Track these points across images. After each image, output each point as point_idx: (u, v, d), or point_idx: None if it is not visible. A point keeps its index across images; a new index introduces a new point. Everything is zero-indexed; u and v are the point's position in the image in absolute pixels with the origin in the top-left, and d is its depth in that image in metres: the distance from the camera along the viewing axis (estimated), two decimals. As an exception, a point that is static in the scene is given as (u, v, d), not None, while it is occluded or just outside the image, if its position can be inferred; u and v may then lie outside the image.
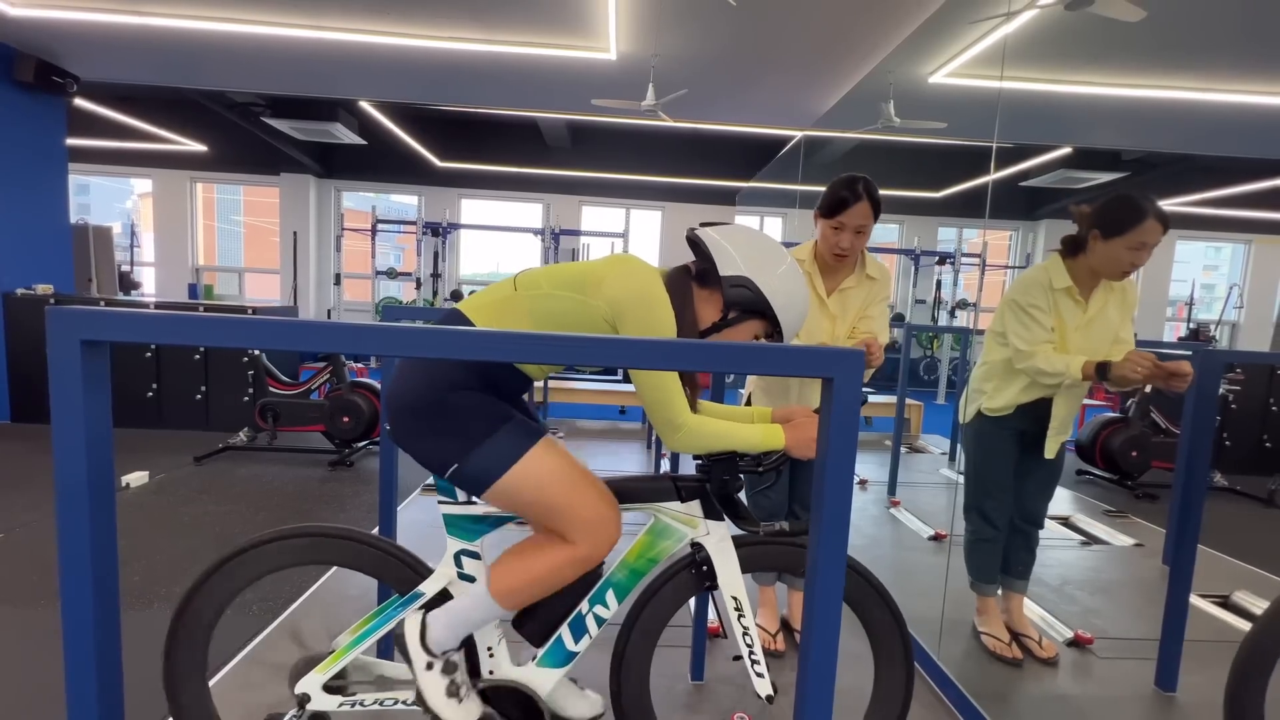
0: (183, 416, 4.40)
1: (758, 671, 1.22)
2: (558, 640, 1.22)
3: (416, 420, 1.14)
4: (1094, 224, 1.68)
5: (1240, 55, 3.53)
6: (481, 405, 1.14)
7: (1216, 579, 2.54)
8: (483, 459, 1.11)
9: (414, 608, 1.20)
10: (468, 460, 1.12)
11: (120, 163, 8.10)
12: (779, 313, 1.18)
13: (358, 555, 1.20)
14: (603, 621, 1.23)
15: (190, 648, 1.16)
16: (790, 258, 1.22)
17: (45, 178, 4.64)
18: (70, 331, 0.62)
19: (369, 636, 1.19)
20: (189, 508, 2.97)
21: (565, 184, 8.47)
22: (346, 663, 1.19)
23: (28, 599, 2.08)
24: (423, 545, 1.36)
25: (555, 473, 1.13)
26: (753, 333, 1.22)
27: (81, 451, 0.64)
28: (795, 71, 4.08)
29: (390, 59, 4.17)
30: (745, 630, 1.22)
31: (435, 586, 1.21)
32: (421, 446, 1.15)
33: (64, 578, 0.66)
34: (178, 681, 1.16)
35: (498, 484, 1.12)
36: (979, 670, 1.84)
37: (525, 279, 1.19)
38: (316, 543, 1.19)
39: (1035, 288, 1.74)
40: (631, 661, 1.24)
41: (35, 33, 4.00)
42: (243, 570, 1.17)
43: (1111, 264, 1.67)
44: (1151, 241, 1.62)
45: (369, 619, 1.21)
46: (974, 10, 2.89)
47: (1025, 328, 1.74)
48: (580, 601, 1.22)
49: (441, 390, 1.14)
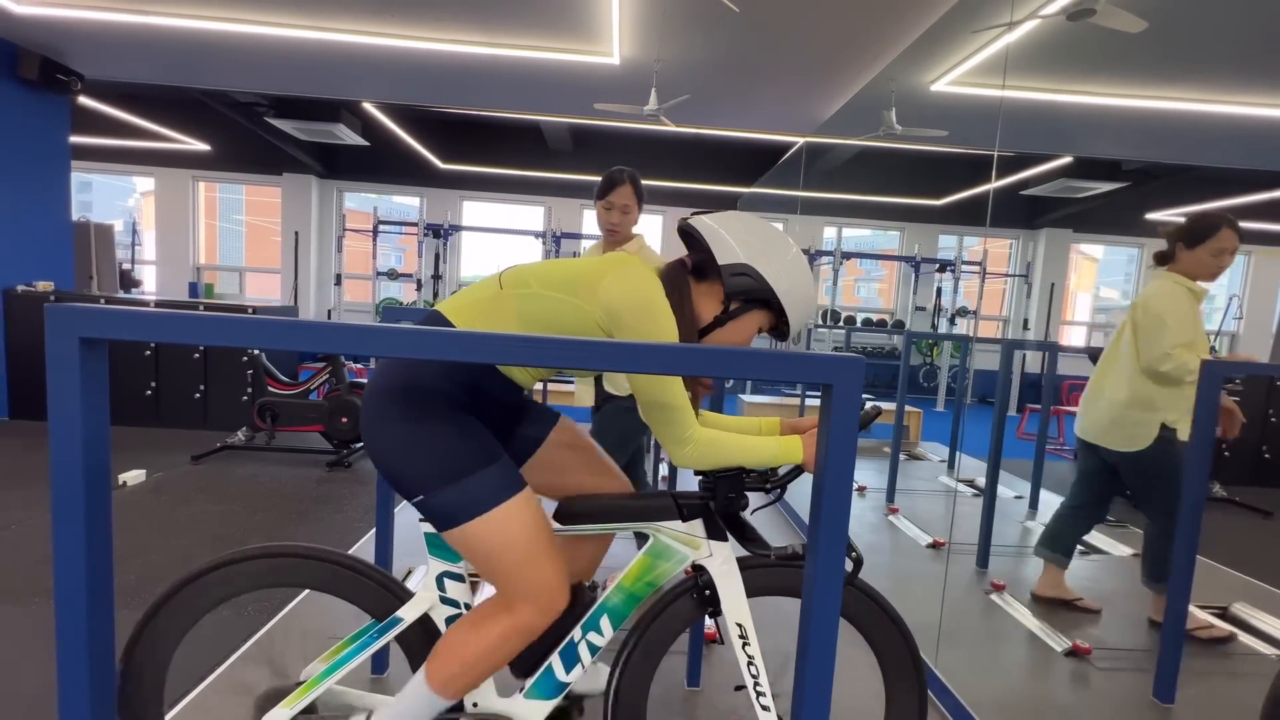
0: (181, 415, 4.39)
1: (763, 704, 1.13)
2: (547, 670, 1.13)
3: (393, 434, 1.04)
4: (1179, 237, 2.04)
5: (1241, 66, 3.54)
6: (467, 433, 1.05)
7: (1215, 590, 2.54)
8: (455, 498, 1.02)
9: (391, 634, 1.11)
10: (438, 495, 1.02)
11: (123, 161, 8.11)
12: (784, 300, 1.08)
13: (330, 578, 1.11)
14: (597, 650, 1.14)
15: (146, 681, 1.05)
16: (794, 244, 1.13)
17: (48, 175, 4.64)
18: (69, 328, 0.62)
19: (340, 667, 1.09)
20: (186, 507, 2.96)
21: (567, 187, 8.48)
22: (317, 695, 1.09)
23: (22, 596, 2.07)
24: (419, 548, 1.34)
25: (522, 534, 1.04)
26: (757, 325, 1.12)
27: (78, 448, 0.64)
28: (797, 78, 4.09)
29: (394, 60, 4.18)
30: (750, 660, 1.13)
31: (415, 612, 1.12)
32: (393, 464, 1.04)
33: (58, 575, 0.66)
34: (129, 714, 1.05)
35: (462, 528, 1.03)
36: (977, 679, 1.83)
37: (512, 276, 1.09)
38: (284, 564, 1.09)
39: (1180, 297, 2.01)
40: (627, 693, 1.15)
41: (40, 30, 4.01)
42: (204, 594, 1.07)
43: (1201, 267, 2.02)
44: (1230, 247, 2.00)
45: (342, 646, 1.11)
46: (976, 19, 2.90)
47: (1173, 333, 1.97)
48: (572, 628, 1.13)
49: (423, 401, 1.04)
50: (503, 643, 1.06)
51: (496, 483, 1.04)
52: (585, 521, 1.18)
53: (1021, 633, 2.15)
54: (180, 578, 1.07)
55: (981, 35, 3.04)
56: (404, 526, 2.15)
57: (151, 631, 1.05)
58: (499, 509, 1.03)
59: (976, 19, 2.89)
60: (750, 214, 1.16)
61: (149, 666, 1.06)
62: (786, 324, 1.12)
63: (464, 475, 1.02)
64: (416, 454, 1.03)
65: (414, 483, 1.03)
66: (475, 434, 1.06)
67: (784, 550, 1.14)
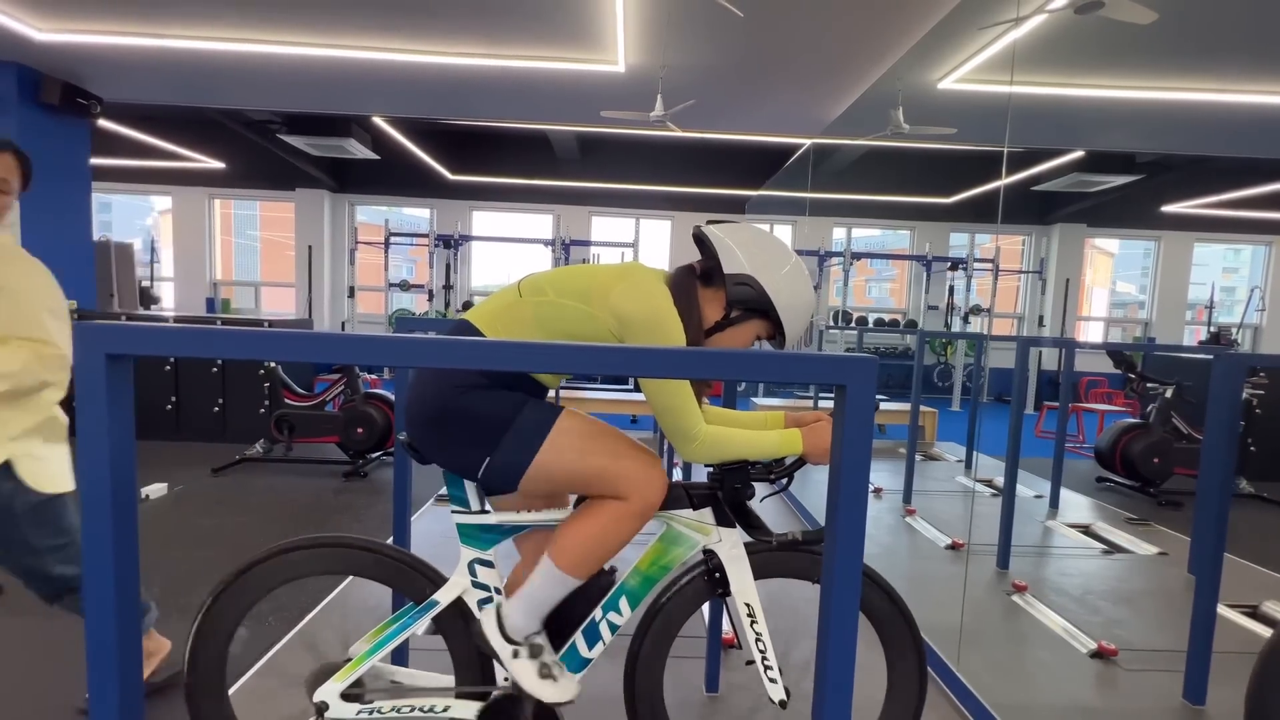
0: (200, 428, 4.46)
1: (770, 678, 1.23)
2: (572, 647, 1.22)
3: (438, 430, 1.15)
4: None
5: (1256, 56, 3.49)
6: (493, 400, 1.14)
7: (1244, 588, 2.48)
8: (510, 448, 1.11)
9: (429, 616, 1.21)
10: (496, 453, 1.12)
11: (141, 181, 8.29)
12: (781, 312, 1.17)
13: (373, 564, 1.21)
14: (616, 628, 1.23)
15: (211, 657, 1.17)
16: (797, 259, 1.21)
17: (70, 197, 4.75)
18: (95, 345, 0.64)
19: (386, 644, 1.20)
20: (207, 519, 3.00)
21: (575, 195, 8.53)
22: (364, 671, 1.20)
23: (47, 609, 2.11)
24: (436, 555, 1.37)
25: (587, 439, 1.13)
26: (754, 333, 1.21)
27: (105, 463, 0.65)
28: (803, 80, 4.09)
29: (403, 75, 4.24)
30: (758, 636, 1.23)
31: (450, 595, 1.21)
32: (448, 455, 1.15)
33: (88, 589, 0.67)
34: (199, 691, 1.17)
35: (533, 467, 1.12)
36: (999, 682, 1.80)
37: (529, 284, 1.19)
38: (334, 552, 1.21)
39: None
40: (645, 668, 1.25)
41: (61, 57, 4.12)
42: (261, 579, 1.18)
43: None
44: None
45: (384, 626, 1.21)
46: (982, 16, 2.89)
47: None
48: (594, 609, 1.22)
49: (454, 395, 1.14)
50: (616, 525, 1.13)
51: (535, 418, 1.13)
52: None
53: (1045, 634, 2.12)
54: (241, 564, 1.17)
55: (988, 32, 3.02)
56: (420, 535, 2.16)
57: (216, 613, 1.16)
58: (552, 434, 1.12)
59: (982, 16, 2.87)
60: (760, 228, 1.25)
61: (213, 646, 1.17)
62: (783, 335, 1.20)
63: (506, 428, 1.12)
64: (462, 433, 1.14)
65: (472, 456, 1.13)
66: (498, 396, 1.15)
67: (784, 537, 1.23)
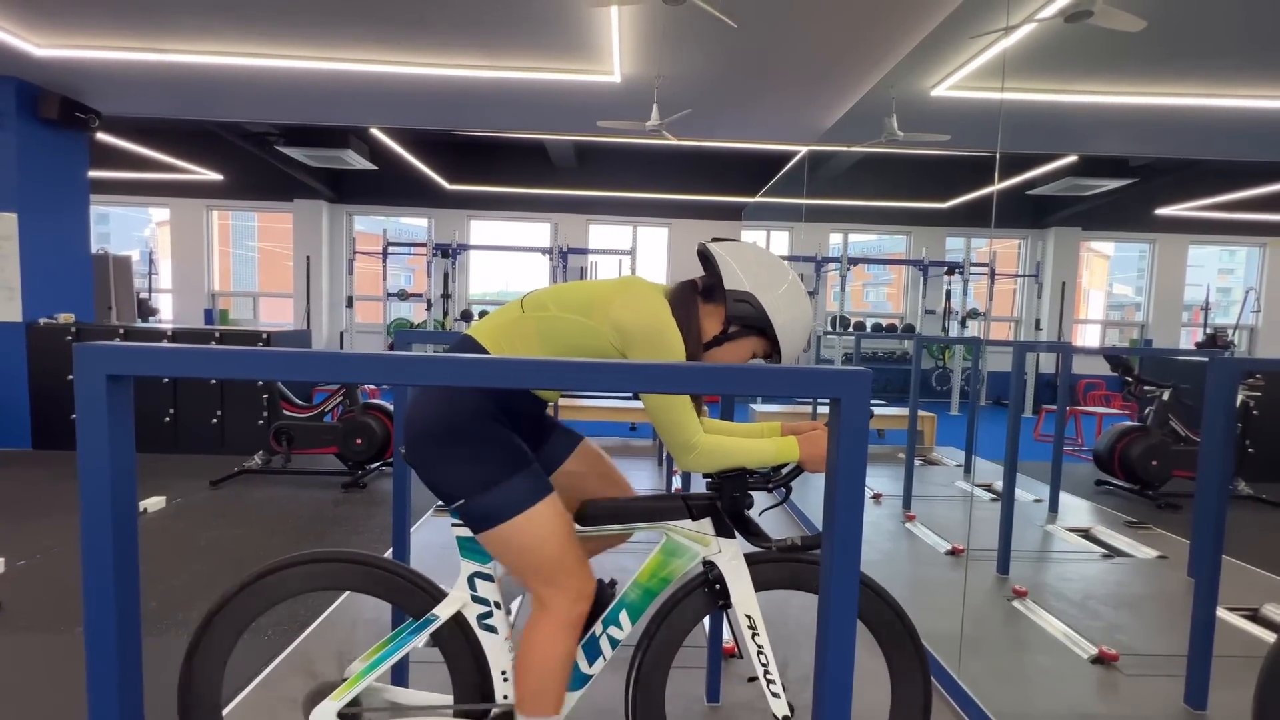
0: (199, 441, 4.45)
1: (773, 692, 1.21)
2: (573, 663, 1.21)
3: (437, 447, 1.15)
4: None
5: (1247, 59, 3.52)
6: (502, 444, 1.15)
7: (1244, 591, 2.48)
8: (493, 501, 1.12)
9: (427, 632, 1.19)
10: (479, 498, 1.13)
11: (139, 193, 8.30)
12: (778, 330, 1.19)
13: (371, 580, 1.20)
14: (617, 643, 1.22)
15: (206, 677, 1.15)
16: (795, 279, 1.22)
17: (69, 210, 4.76)
18: (96, 366, 0.64)
19: (383, 662, 1.18)
20: (205, 532, 3.00)
21: (572, 203, 8.56)
22: (360, 690, 1.18)
23: (50, 625, 2.10)
24: (435, 566, 1.37)
25: (550, 533, 1.15)
26: (751, 350, 1.22)
27: (106, 480, 0.66)
28: (798, 88, 4.12)
29: (400, 86, 4.27)
30: (760, 649, 1.21)
31: (449, 610, 1.20)
32: (436, 474, 1.15)
33: (88, 604, 0.68)
34: (193, 711, 1.15)
35: (499, 528, 1.13)
36: (1001, 688, 1.80)
37: (532, 300, 1.20)
38: (331, 568, 1.20)
39: None
40: (646, 682, 1.24)
41: (60, 71, 4.14)
42: (258, 597, 1.17)
43: None
44: None
45: (382, 645, 1.20)
46: (974, 24, 2.92)
47: None
48: (594, 623, 1.22)
49: (461, 418, 1.15)
50: (554, 642, 1.15)
51: (528, 487, 1.14)
52: (604, 522, 1.26)
53: (1046, 640, 2.12)
54: (238, 582, 1.16)
55: (980, 40, 3.05)
56: (420, 546, 2.16)
57: (212, 632, 1.15)
58: (529, 511, 1.13)
59: (974, 25, 2.90)
60: (762, 247, 1.26)
61: (208, 666, 1.15)
62: (779, 353, 1.21)
63: (498, 482, 1.13)
64: (457, 466, 1.14)
65: (454, 490, 1.14)
66: (507, 444, 1.16)
67: (784, 542, 1.22)
